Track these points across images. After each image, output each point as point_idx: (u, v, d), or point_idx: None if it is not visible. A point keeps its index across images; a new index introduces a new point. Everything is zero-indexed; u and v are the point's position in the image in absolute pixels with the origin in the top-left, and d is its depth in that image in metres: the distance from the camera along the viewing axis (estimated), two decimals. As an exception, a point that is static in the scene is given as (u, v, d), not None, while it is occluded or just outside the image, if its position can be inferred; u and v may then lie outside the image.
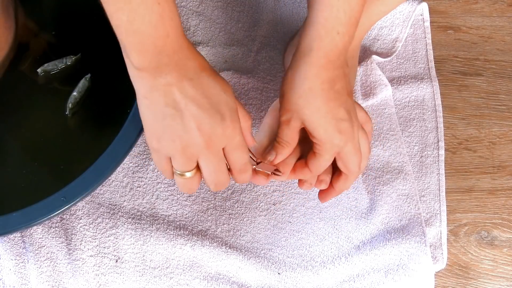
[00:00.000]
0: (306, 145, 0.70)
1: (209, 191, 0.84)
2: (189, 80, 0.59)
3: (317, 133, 0.65)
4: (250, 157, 0.66)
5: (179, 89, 0.59)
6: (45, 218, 0.68)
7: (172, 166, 0.63)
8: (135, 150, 0.85)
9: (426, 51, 0.96)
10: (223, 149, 0.62)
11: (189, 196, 0.83)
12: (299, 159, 0.71)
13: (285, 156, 0.69)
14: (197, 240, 0.80)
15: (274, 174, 0.69)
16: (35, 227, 0.79)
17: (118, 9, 0.55)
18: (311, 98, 0.64)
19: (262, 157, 0.69)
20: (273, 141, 0.69)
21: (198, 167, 0.63)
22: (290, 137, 0.67)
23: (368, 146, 0.70)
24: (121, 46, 0.58)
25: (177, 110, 0.59)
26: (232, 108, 0.61)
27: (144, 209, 0.82)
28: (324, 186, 0.72)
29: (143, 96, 0.59)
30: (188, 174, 0.63)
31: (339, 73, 0.65)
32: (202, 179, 0.64)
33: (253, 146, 0.69)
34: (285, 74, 0.67)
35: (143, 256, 0.79)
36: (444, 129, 0.91)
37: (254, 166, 0.68)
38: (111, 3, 0.55)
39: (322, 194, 0.73)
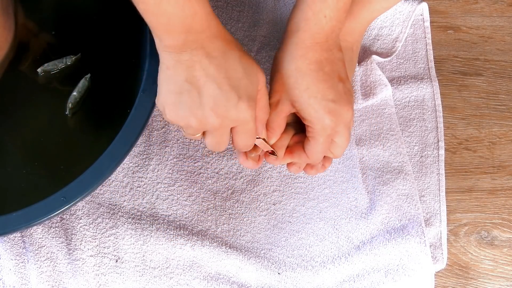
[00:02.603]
0: (301, 127, 0.70)
1: (209, 191, 0.84)
2: (213, 58, 0.60)
3: (307, 114, 0.65)
4: None
5: (201, 66, 0.60)
6: (45, 218, 0.68)
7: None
8: (135, 150, 0.85)
9: (426, 51, 0.96)
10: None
11: (189, 196, 0.83)
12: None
13: (275, 139, 0.69)
14: (197, 240, 0.80)
15: (271, 154, 0.69)
16: (35, 227, 0.78)
17: None
18: (299, 78, 0.64)
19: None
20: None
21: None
22: (277, 123, 0.68)
23: (347, 137, 0.69)
24: (150, 27, 0.59)
25: (196, 86, 0.60)
26: (251, 93, 0.62)
27: (144, 209, 0.82)
28: (314, 172, 0.73)
29: (166, 67, 0.61)
30: (198, 135, 0.65)
31: (328, 56, 0.65)
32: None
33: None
34: (275, 56, 0.68)
35: (143, 256, 0.79)
36: (444, 129, 0.91)
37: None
38: None
39: (293, 168, 0.73)
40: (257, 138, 0.67)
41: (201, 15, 0.58)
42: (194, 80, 0.60)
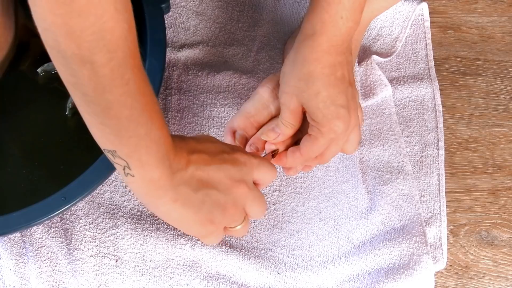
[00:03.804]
0: (300, 133, 0.70)
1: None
2: (192, 154, 0.59)
3: (315, 117, 0.65)
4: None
5: (194, 168, 0.59)
6: (45, 218, 0.68)
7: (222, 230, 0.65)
8: (135, 150, 0.85)
9: (426, 51, 0.96)
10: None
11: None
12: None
13: (287, 137, 0.69)
14: (197, 240, 0.80)
15: (274, 156, 0.70)
16: (35, 227, 0.79)
17: (137, 125, 0.53)
18: (310, 82, 0.64)
19: (264, 133, 0.70)
20: (259, 111, 0.70)
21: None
22: (293, 119, 0.68)
23: (357, 141, 0.71)
24: (134, 170, 0.56)
25: (208, 185, 0.60)
26: (226, 146, 0.63)
27: (144, 209, 0.82)
28: (308, 169, 0.74)
29: (172, 201, 0.58)
30: (239, 227, 0.64)
31: (341, 59, 0.65)
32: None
33: (239, 114, 0.70)
34: (287, 57, 0.67)
35: (143, 256, 0.79)
36: (444, 129, 0.91)
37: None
38: (130, 124, 0.52)
39: (277, 160, 0.73)
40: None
41: (167, 127, 0.57)
42: (201, 183, 0.59)
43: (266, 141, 0.70)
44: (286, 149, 0.71)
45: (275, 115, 0.71)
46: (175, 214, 0.60)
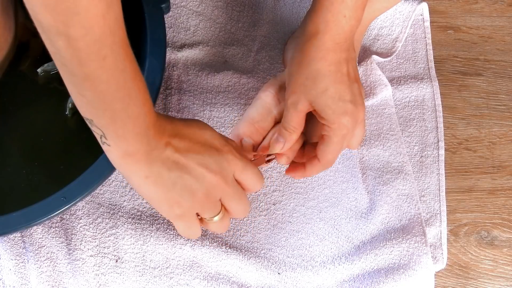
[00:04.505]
0: (310, 131, 0.71)
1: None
2: (174, 137, 0.60)
3: (325, 114, 0.66)
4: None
5: (173, 150, 0.59)
6: (45, 218, 0.68)
7: (199, 222, 0.65)
8: (135, 150, 0.85)
9: (426, 51, 0.96)
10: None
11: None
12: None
13: (293, 143, 0.70)
14: (197, 240, 0.80)
15: (268, 161, 0.70)
16: (35, 227, 0.78)
17: (113, 100, 0.54)
18: (318, 79, 0.65)
19: (270, 146, 0.70)
20: (263, 116, 0.70)
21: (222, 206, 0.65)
22: (297, 122, 0.68)
23: (362, 136, 0.71)
24: (110, 140, 0.57)
25: (182, 169, 0.60)
26: (218, 137, 0.63)
27: (144, 209, 0.82)
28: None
29: (144, 177, 0.59)
30: (216, 218, 0.65)
31: (346, 56, 0.66)
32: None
33: (244, 121, 0.71)
34: (291, 57, 0.68)
35: (143, 256, 0.79)
36: (444, 129, 0.91)
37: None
38: (105, 98, 0.54)
39: (290, 173, 0.74)
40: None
41: (151, 108, 0.58)
42: (176, 165, 0.60)
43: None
44: (293, 154, 0.71)
45: (279, 120, 0.71)
46: (145, 189, 0.61)
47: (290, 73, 0.68)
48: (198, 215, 0.65)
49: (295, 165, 0.73)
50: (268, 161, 0.71)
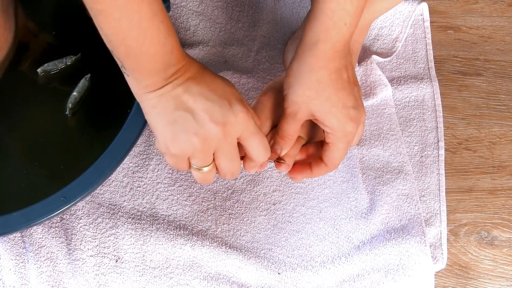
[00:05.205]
0: (311, 133, 0.71)
1: (209, 191, 0.84)
2: (193, 80, 0.61)
3: (329, 122, 0.66)
4: None
5: (185, 90, 0.60)
6: (45, 218, 0.68)
7: (188, 166, 0.64)
8: (135, 150, 0.85)
9: (426, 51, 0.96)
10: (238, 139, 0.63)
11: (189, 196, 0.83)
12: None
13: (289, 149, 0.70)
14: (197, 240, 0.80)
15: (278, 162, 0.70)
16: (35, 227, 0.79)
17: (126, 36, 0.57)
18: (320, 89, 0.65)
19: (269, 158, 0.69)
20: (263, 121, 0.70)
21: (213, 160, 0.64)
22: (294, 130, 0.68)
23: (359, 138, 0.72)
24: (128, 71, 0.60)
25: (187, 109, 0.60)
26: (239, 97, 0.62)
27: (144, 209, 0.82)
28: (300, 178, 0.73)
29: (152, 106, 0.61)
30: (205, 169, 0.64)
31: (345, 62, 0.66)
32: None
33: None
34: (290, 66, 0.67)
35: (143, 256, 0.79)
36: (444, 129, 0.91)
37: None
38: (118, 33, 0.57)
39: (295, 174, 0.73)
40: None
41: (177, 48, 0.60)
42: (183, 105, 0.60)
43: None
44: (292, 160, 0.71)
45: (275, 124, 0.71)
46: (151, 118, 0.62)
47: (288, 84, 0.67)
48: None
49: (300, 166, 0.72)
50: (277, 162, 0.71)
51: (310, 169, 0.71)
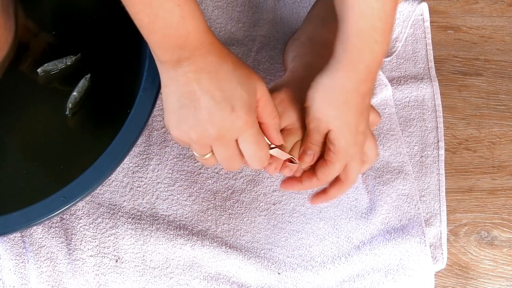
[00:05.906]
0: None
1: (209, 191, 0.84)
2: (207, 73, 0.61)
3: (337, 143, 0.65)
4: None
5: (196, 81, 0.60)
6: (45, 218, 0.68)
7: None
8: (135, 150, 0.85)
9: (426, 51, 0.96)
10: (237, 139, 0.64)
11: (189, 196, 0.83)
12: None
13: (318, 155, 0.69)
14: (197, 240, 0.80)
15: (290, 162, 0.69)
16: (35, 227, 0.79)
17: (139, 11, 0.58)
18: (344, 111, 0.64)
19: (299, 158, 0.69)
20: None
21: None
22: (320, 141, 0.67)
23: (376, 150, 0.71)
24: (151, 49, 0.62)
25: (192, 100, 0.61)
26: (246, 101, 0.62)
27: (144, 209, 0.82)
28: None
29: (164, 84, 0.63)
30: (206, 156, 0.65)
31: (371, 85, 0.65)
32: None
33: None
34: (317, 80, 0.66)
35: (143, 256, 0.79)
36: (444, 129, 0.91)
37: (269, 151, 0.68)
38: (133, 6, 0.58)
39: (314, 198, 0.73)
40: (271, 148, 0.67)
41: (194, 34, 0.59)
42: (189, 95, 0.61)
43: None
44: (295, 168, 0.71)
45: (281, 128, 0.70)
46: (163, 93, 0.64)
47: (313, 98, 0.65)
48: None
49: (290, 179, 0.72)
50: (289, 161, 0.70)
51: (300, 181, 0.71)
